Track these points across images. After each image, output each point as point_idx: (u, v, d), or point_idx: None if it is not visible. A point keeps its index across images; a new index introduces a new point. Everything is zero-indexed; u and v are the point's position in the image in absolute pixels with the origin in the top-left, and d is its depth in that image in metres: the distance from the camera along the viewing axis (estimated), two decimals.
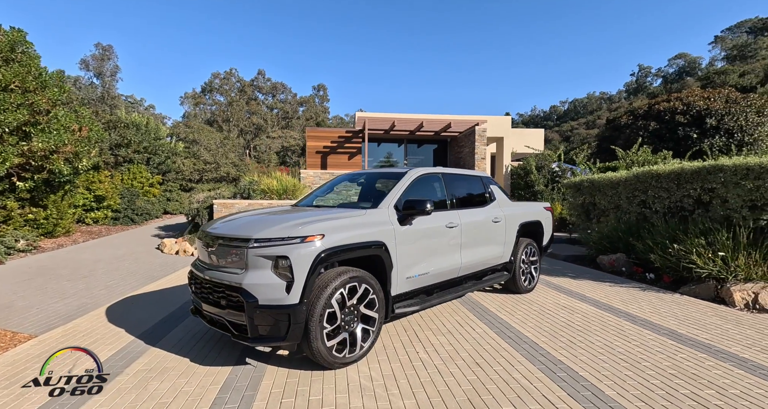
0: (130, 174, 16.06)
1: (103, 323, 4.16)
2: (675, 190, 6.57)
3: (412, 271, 3.68)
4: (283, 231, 2.93)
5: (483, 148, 12.43)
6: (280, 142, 55.11)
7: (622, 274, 6.62)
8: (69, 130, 9.20)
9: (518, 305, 4.79)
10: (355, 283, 3.12)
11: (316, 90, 73.13)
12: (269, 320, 2.81)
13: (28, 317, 4.38)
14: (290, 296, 2.80)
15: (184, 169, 18.81)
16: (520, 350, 3.39)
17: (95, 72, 49.01)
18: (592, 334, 3.77)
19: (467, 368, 3.05)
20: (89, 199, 12.51)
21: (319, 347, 2.88)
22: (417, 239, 3.71)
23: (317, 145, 13.17)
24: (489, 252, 4.69)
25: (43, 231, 9.85)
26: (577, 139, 58.58)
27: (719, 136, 14.79)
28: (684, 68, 67.39)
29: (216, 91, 63.86)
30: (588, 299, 5.06)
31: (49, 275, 6.54)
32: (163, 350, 3.42)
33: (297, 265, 2.83)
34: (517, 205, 5.42)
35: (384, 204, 3.63)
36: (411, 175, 4.04)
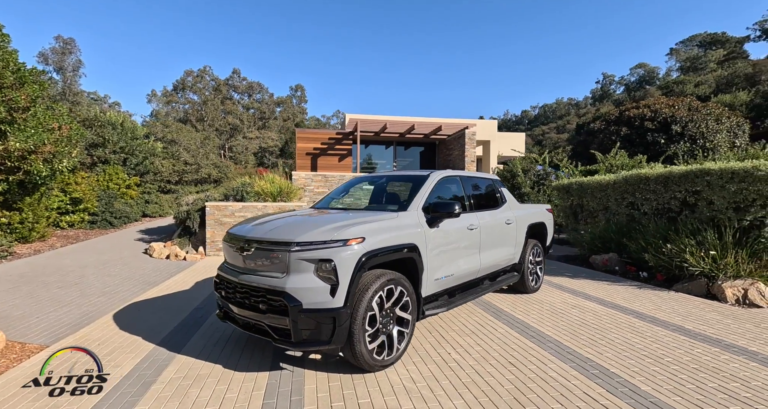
0: (105, 175, 15.33)
1: (115, 331, 3.98)
2: (663, 193, 6.95)
3: (439, 273, 3.73)
4: (324, 234, 2.92)
5: (473, 151, 12.69)
6: (258, 142, 54.07)
7: (616, 273, 6.93)
8: (48, 129, 8.70)
9: (529, 305, 4.93)
10: (392, 285, 3.14)
11: (293, 90, 72.27)
12: (313, 323, 2.79)
13: (31, 327, 4.13)
14: (335, 300, 2.80)
15: (163, 170, 18.13)
16: (546, 348, 3.51)
17: (55, 66, 46.34)
18: (609, 331, 3.94)
19: (503, 367, 3.12)
20: (65, 201, 11.86)
21: (362, 350, 2.88)
22: (444, 241, 3.77)
23: (307, 146, 13.04)
24: (503, 253, 4.81)
25: (18, 236, 9.26)
26: (549, 143, 60.66)
27: (684, 141, 15.79)
28: (644, 77, 71.19)
29: (189, 90, 61.90)
30: (592, 297, 5.28)
31: (35, 283, 6.16)
32: (190, 357, 3.31)
33: (341, 268, 2.82)
34: (525, 207, 5.59)
35: (413, 207, 3.67)
36: (434, 178, 4.10)
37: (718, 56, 57.40)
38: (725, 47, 59.29)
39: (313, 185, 11.62)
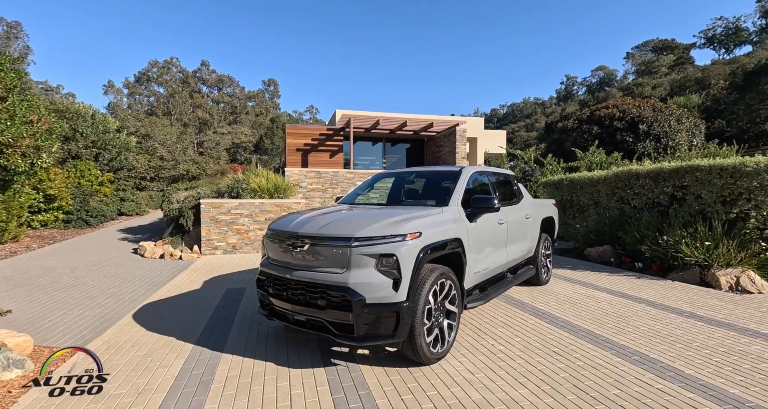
0: (77, 172, 14.45)
1: (143, 332, 3.81)
2: (653, 188, 7.38)
3: (477, 266, 3.82)
4: (384, 229, 2.93)
5: (463, 148, 12.92)
6: (230, 138, 52.41)
7: (611, 264, 7.31)
8: (26, 122, 8.09)
9: (546, 296, 5.13)
10: (443, 279, 3.20)
11: (266, 85, 70.58)
12: (376, 318, 2.80)
13: (49, 331, 3.89)
14: (398, 294, 2.82)
15: (138, 166, 17.26)
16: (581, 337, 3.68)
17: None
18: (630, 319, 4.18)
19: (549, 357, 3.25)
20: (38, 199, 11.08)
21: (422, 343, 2.93)
22: (482, 235, 3.87)
23: (297, 142, 12.81)
24: (523, 247, 4.98)
25: None
26: (519, 141, 62.57)
27: (649, 140, 16.81)
28: (604, 79, 74.85)
29: (154, 81, 59.01)
30: (601, 288, 5.55)
31: (29, 285, 5.77)
32: (237, 356, 3.24)
33: (403, 262, 2.84)
34: (537, 201, 5.78)
35: (453, 202, 3.74)
36: (467, 173, 4.18)
37: (668, 61, 61.27)
38: (674, 53, 63.30)
39: (307, 182, 11.46)
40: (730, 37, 61.98)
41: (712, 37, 62.94)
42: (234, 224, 8.68)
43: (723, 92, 34.85)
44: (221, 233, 8.61)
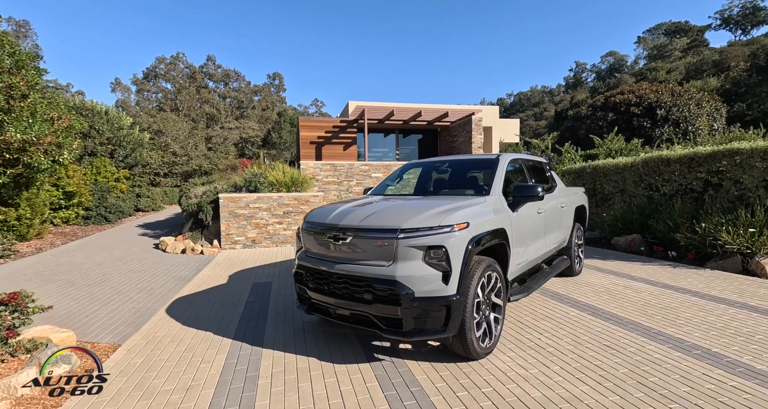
0: (93, 168, 14.54)
1: (179, 326, 3.78)
2: (686, 174, 7.12)
3: (519, 258, 3.69)
4: (431, 219, 2.80)
5: (479, 138, 12.67)
6: (238, 133, 52.48)
7: (641, 253, 7.10)
8: (47, 119, 8.09)
9: (582, 287, 4.97)
10: (490, 271, 3.07)
11: (271, 79, 70.25)
12: (425, 312, 2.69)
13: (87, 326, 3.89)
14: (448, 287, 2.70)
15: (152, 162, 17.35)
16: (632, 330, 3.53)
17: None
18: (678, 311, 4.01)
19: (603, 351, 3.11)
20: (58, 196, 11.17)
21: (472, 337, 2.82)
22: (524, 225, 3.73)
23: (311, 135, 12.68)
24: (558, 237, 4.82)
25: (17, 234, 8.67)
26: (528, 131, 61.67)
27: (668, 126, 16.30)
28: (614, 65, 72.94)
29: (161, 78, 59.17)
30: (637, 278, 5.37)
31: (59, 281, 5.79)
32: (278, 351, 3.18)
33: (453, 254, 2.72)
34: (570, 190, 5.60)
35: (494, 191, 3.59)
36: (505, 160, 4.02)
37: (682, 44, 59.37)
38: (688, 36, 61.32)
39: (323, 175, 11.35)
40: (747, 18, 59.74)
41: (728, 18, 60.70)
42: (253, 218, 8.64)
43: (743, 74, 33.74)
44: (240, 228, 8.57)
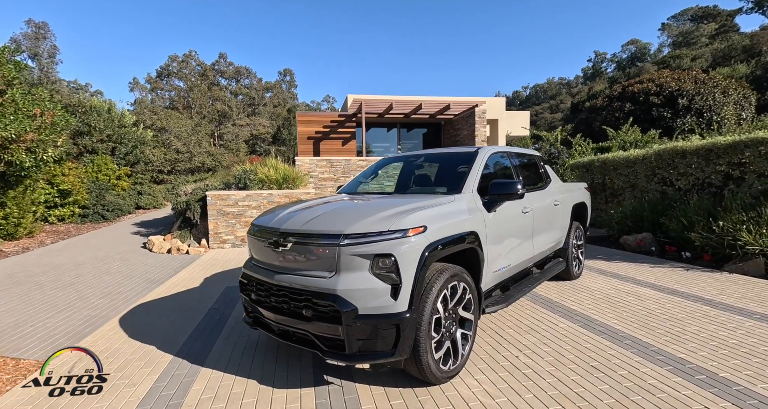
0: (93, 166, 14.51)
1: (124, 339, 3.45)
2: (703, 166, 6.49)
3: (498, 263, 3.24)
4: (380, 223, 2.39)
5: (483, 131, 12.10)
6: (249, 130, 52.65)
7: (652, 253, 6.52)
8: (29, 116, 7.93)
9: (579, 293, 4.49)
10: (455, 281, 2.64)
11: (282, 75, 70.27)
12: (371, 332, 2.29)
13: (26, 337, 3.60)
14: (397, 303, 2.29)
15: (154, 159, 17.30)
16: (626, 347, 3.05)
17: (29, 53, 44.05)
18: (684, 323, 3.50)
19: (588, 374, 2.66)
20: (52, 194, 11.12)
21: (428, 361, 2.39)
22: (503, 227, 3.27)
23: (308, 130, 12.33)
24: (551, 238, 4.34)
25: (3, 233, 8.58)
26: (543, 123, 60.03)
27: (690, 115, 15.35)
28: (636, 54, 70.17)
29: (174, 76, 59.73)
30: (643, 282, 4.85)
31: (28, 284, 5.58)
32: (218, 371, 2.81)
33: (403, 263, 2.30)
34: (567, 185, 5.09)
35: (467, 188, 3.14)
36: (484, 154, 3.56)
37: (710, 30, 56.54)
38: (716, 21, 58.35)
39: (318, 171, 10.99)
40: None
41: (761, 0, 57.35)
42: (242, 216, 8.34)
43: None
44: (229, 226, 8.29)
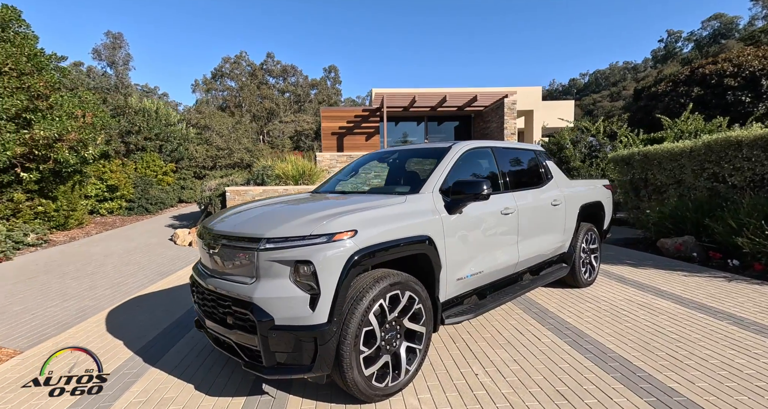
0: (143, 162, 15.67)
1: (101, 333, 3.59)
2: (763, 160, 5.55)
3: (463, 270, 2.93)
4: (303, 227, 2.21)
5: (513, 122, 11.37)
6: (293, 126, 54.33)
7: (693, 260, 5.72)
8: (72, 117, 8.65)
9: (582, 304, 4.01)
10: (397, 290, 2.39)
11: (327, 72, 71.40)
12: (289, 344, 2.12)
13: (20, 325, 3.87)
14: (316, 314, 2.10)
15: (197, 156, 18.35)
16: (611, 371, 2.63)
17: (108, 61, 48.76)
18: (696, 345, 2.97)
19: (549, 401, 2.31)
20: (102, 189, 12.15)
21: (354, 377, 2.19)
22: (469, 230, 2.95)
23: (332, 126, 12.35)
24: (548, 242, 3.89)
25: (55, 224, 9.51)
26: (601, 113, 55.69)
27: None
28: (719, 30, 62.38)
29: (226, 77, 63.04)
30: (666, 293, 4.23)
31: (55, 272, 6.09)
32: (164, 372, 2.81)
33: (323, 271, 2.11)
34: (576, 183, 4.56)
35: (427, 188, 2.86)
36: (457, 150, 3.24)
37: None
38: None
39: (339, 167, 10.96)
40: None
41: None
42: None
43: None
44: None
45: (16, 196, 8.78)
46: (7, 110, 7.41)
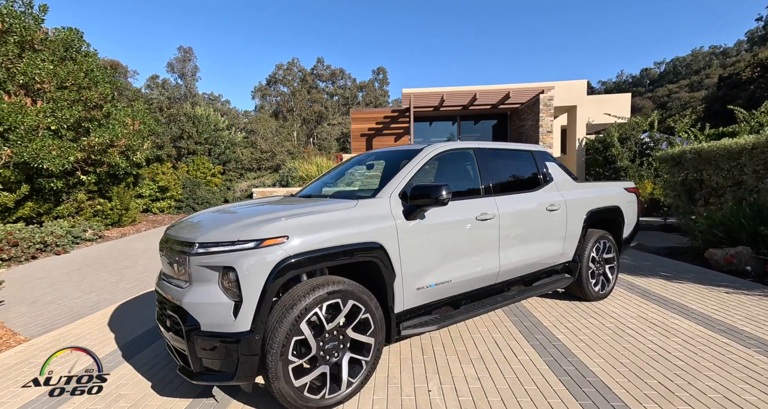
0: (194, 165, 16.89)
1: (101, 326, 3.88)
2: None
3: (426, 279, 2.75)
4: (233, 233, 2.20)
5: (549, 120, 10.63)
6: (340, 128, 55.66)
7: (746, 275, 4.96)
8: (123, 125, 9.55)
9: (584, 319, 3.61)
10: (336, 299, 2.30)
11: (375, 73, 72.29)
12: (214, 351, 2.12)
13: (44, 314, 4.30)
14: (237, 322, 2.08)
15: (243, 158, 19.43)
16: (582, 398, 2.32)
17: (179, 73, 53.59)
18: (703, 375, 2.53)
19: None
20: (154, 189, 13.29)
21: (281, 387, 2.13)
22: (432, 237, 2.76)
23: (362, 127, 12.42)
24: (542, 250, 3.56)
25: (110, 221, 10.54)
26: (676, 105, 50.25)
27: None
28: None
29: (280, 83, 66.18)
30: (692, 312, 3.69)
31: (97, 266, 6.72)
32: (132, 369, 2.95)
33: (246, 279, 2.08)
34: (585, 187, 4.13)
35: (384, 192, 2.73)
36: (426, 153, 3.06)
37: None
38: None
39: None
40: None
41: None
42: None
43: None
44: None
45: (79, 196, 9.87)
46: (66, 120, 8.35)
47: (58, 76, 8.26)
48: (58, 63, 8.63)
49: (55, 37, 8.80)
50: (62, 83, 8.52)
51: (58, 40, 8.76)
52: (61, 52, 8.80)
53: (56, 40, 8.73)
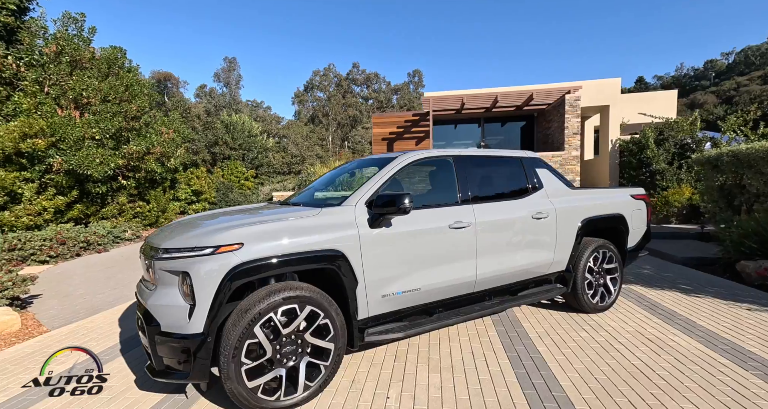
0: (228, 169, 17.81)
1: (112, 321, 4.22)
2: None
3: (391, 287, 2.77)
4: (192, 239, 2.35)
5: (575, 121, 10.16)
6: None
7: None
8: (158, 133, 10.31)
9: (574, 332, 3.45)
10: (293, 304, 2.38)
11: (411, 76, 72.37)
12: (171, 350, 2.28)
13: (71, 308, 4.73)
14: (191, 324, 2.21)
15: (275, 162, 20.20)
16: None
17: (224, 82, 56.84)
18: (682, 397, 2.36)
19: None
20: (189, 193, 14.16)
21: (234, 388, 2.24)
22: (398, 245, 2.78)
23: (383, 131, 12.51)
24: (528, 259, 3.45)
25: (148, 222, 11.38)
26: (744, 100, 45.54)
27: None
28: None
29: (316, 88, 67.98)
30: (698, 329, 3.42)
31: (128, 264, 7.28)
32: (124, 362, 3.19)
33: (199, 284, 2.21)
34: (581, 193, 3.94)
35: (351, 201, 2.78)
36: (399, 162, 3.08)
37: None
38: None
39: None
40: None
41: None
42: None
43: None
44: None
45: (120, 200, 10.75)
46: (108, 130, 9.14)
47: (102, 91, 9.06)
48: (102, 79, 9.48)
49: (100, 56, 9.66)
50: (105, 97, 9.34)
51: (102, 57, 9.62)
52: (105, 68, 9.65)
53: (101, 59, 9.59)
